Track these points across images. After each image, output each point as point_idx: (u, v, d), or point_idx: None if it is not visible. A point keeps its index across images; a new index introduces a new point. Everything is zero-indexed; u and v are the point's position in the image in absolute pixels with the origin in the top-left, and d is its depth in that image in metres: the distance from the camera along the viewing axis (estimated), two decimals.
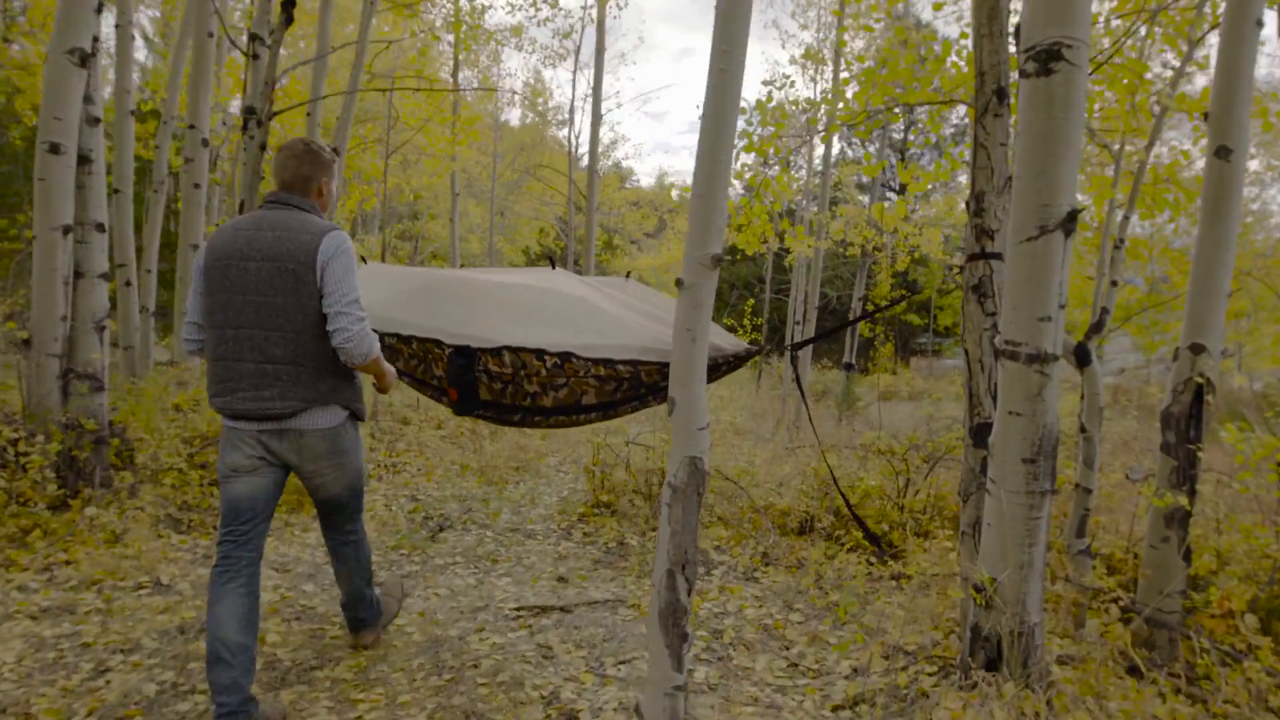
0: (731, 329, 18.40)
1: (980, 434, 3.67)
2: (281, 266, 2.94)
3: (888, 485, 5.84)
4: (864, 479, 5.77)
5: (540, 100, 24.13)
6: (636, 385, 4.60)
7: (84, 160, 5.71)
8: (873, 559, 5.29)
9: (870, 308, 17.29)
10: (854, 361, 14.63)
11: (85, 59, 5.43)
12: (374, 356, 3.03)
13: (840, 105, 5.14)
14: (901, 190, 21.12)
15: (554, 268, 4.91)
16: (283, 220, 3.02)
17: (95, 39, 5.71)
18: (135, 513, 5.34)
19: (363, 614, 3.79)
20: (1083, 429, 4.40)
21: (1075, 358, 4.42)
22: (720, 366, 4.43)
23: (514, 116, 32.75)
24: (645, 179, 49.92)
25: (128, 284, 9.52)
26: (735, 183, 5.97)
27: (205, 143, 8.90)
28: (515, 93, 22.90)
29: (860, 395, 14.48)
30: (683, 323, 2.87)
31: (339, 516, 3.47)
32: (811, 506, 5.83)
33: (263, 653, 3.76)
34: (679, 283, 2.87)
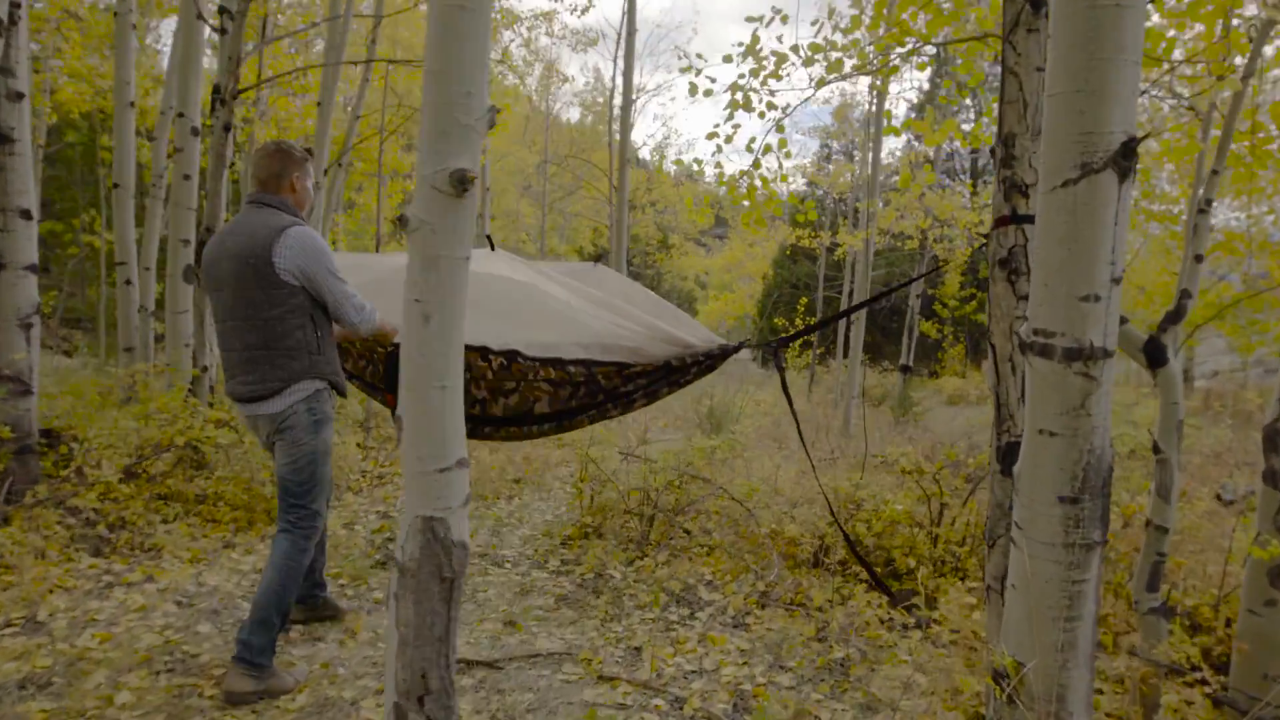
0: (783, 329, 17.37)
1: (1009, 457, 2.74)
2: (244, 262, 3.23)
3: (920, 510, 4.88)
4: (890, 502, 4.82)
5: (566, 85, 23.43)
6: (594, 390, 3.78)
7: (3, 139, 5.12)
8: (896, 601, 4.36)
9: (904, 297, 16.12)
10: (911, 364, 13.50)
11: None
12: (377, 326, 3.47)
13: (843, 41, 4.20)
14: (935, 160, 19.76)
15: (493, 248, 4.12)
16: (251, 220, 3.33)
17: (15, 5, 5.13)
18: (44, 532, 4.73)
19: (250, 638, 3.25)
20: (1156, 448, 3.41)
21: (1146, 356, 3.43)
22: (689, 367, 3.58)
23: (572, 114, 32.26)
24: (723, 190, 49.00)
25: (128, 283, 9.05)
26: (725, 147, 5.11)
27: (196, 131, 8.34)
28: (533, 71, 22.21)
29: (918, 400, 13.34)
30: (413, 289, 1.89)
31: (282, 499, 3.43)
32: (828, 533, 4.91)
33: (103, 716, 3.04)
34: (401, 220, 1.90)
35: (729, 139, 4.95)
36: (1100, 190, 2.06)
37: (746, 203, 4.93)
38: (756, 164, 4.58)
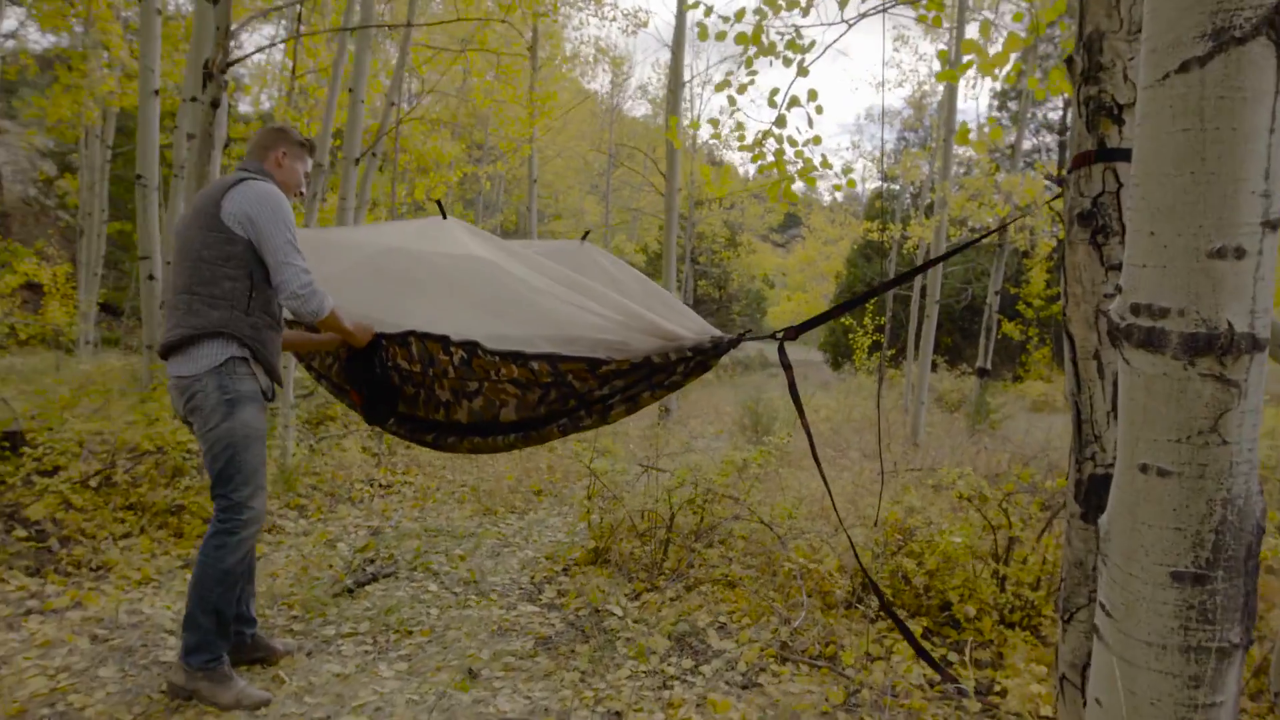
0: (849, 331, 16.39)
1: (1094, 496, 1.92)
2: (196, 210, 3.06)
3: (985, 543, 4.01)
4: (946, 533, 3.95)
5: (622, 68, 22.74)
6: (565, 394, 3.04)
7: None
8: (948, 658, 3.52)
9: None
10: (989, 366, 12.40)
11: None
12: (327, 311, 2.99)
13: None
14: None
15: (444, 216, 3.43)
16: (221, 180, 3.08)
17: None
18: None
19: (186, 641, 3.04)
20: None
21: None
22: (675, 365, 2.82)
23: (638, 110, 31.65)
24: (795, 186, 47.79)
25: (151, 278, 8.68)
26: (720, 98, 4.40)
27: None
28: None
29: (997, 406, 12.23)
30: None
31: (212, 489, 3.07)
32: (873, 566, 4.08)
33: None
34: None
35: (743, 89, 4.16)
36: (1245, 72, 1.26)
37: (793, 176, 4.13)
38: (781, 120, 3.79)
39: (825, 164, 4.53)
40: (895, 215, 20.10)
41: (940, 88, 14.67)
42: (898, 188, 24.12)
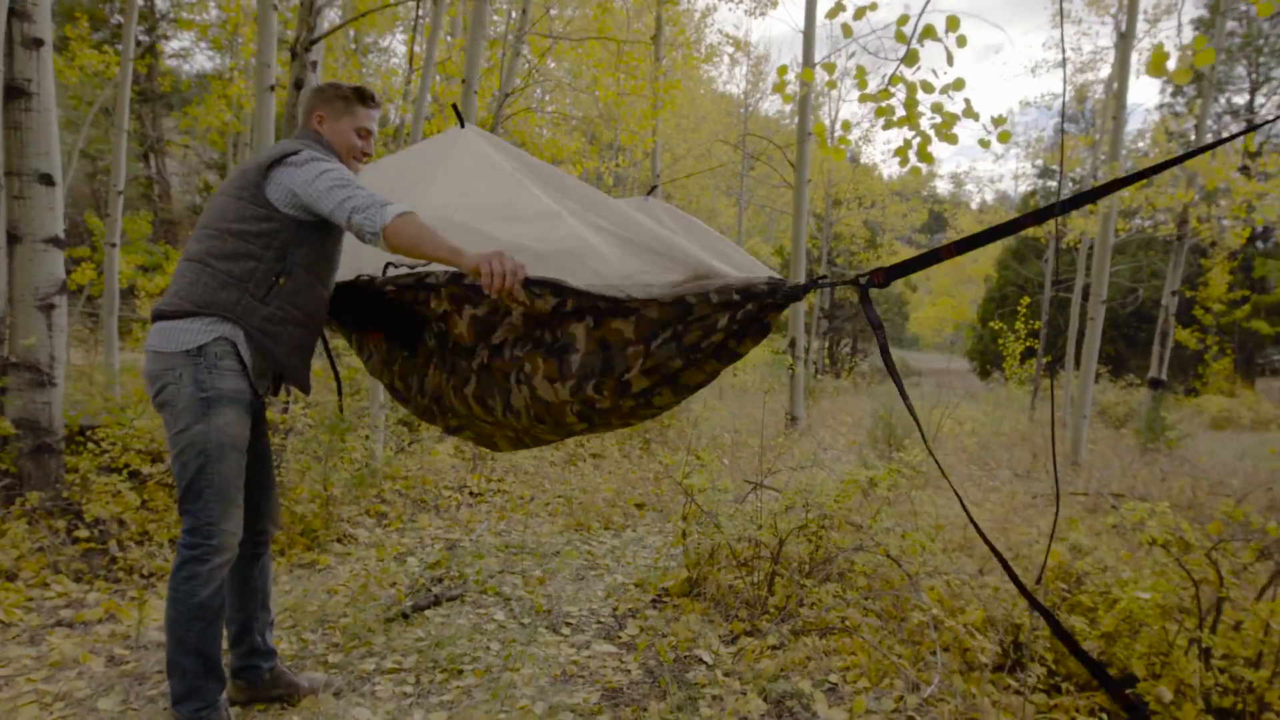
0: (998, 336, 14.97)
1: None
2: (238, 176, 2.59)
3: (1179, 600, 3.10)
4: (1129, 585, 3.06)
5: (747, 52, 21.84)
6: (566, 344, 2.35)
7: (17, 93, 4.43)
8: None
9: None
10: (1164, 378, 10.96)
11: None
12: (391, 221, 2.27)
13: None
14: None
15: (463, 125, 2.87)
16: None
17: None
18: (35, 544, 3.94)
19: (173, 688, 2.58)
20: None
21: None
22: (717, 313, 2.05)
23: (769, 105, 30.77)
24: (940, 185, 45.54)
25: None
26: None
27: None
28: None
29: (1173, 423, 10.77)
30: None
31: (179, 503, 2.56)
32: (1027, 621, 3.23)
33: None
34: None
35: (860, 13, 3.36)
36: None
37: (907, 134, 3.34)
38: (911, 57, 3.01)
39: (970, 113, 3.67)
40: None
41: (1105, 65, 13.22)
42: (1054, 184, 22.30)
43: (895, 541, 4.02)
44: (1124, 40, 9.14)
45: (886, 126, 3.68)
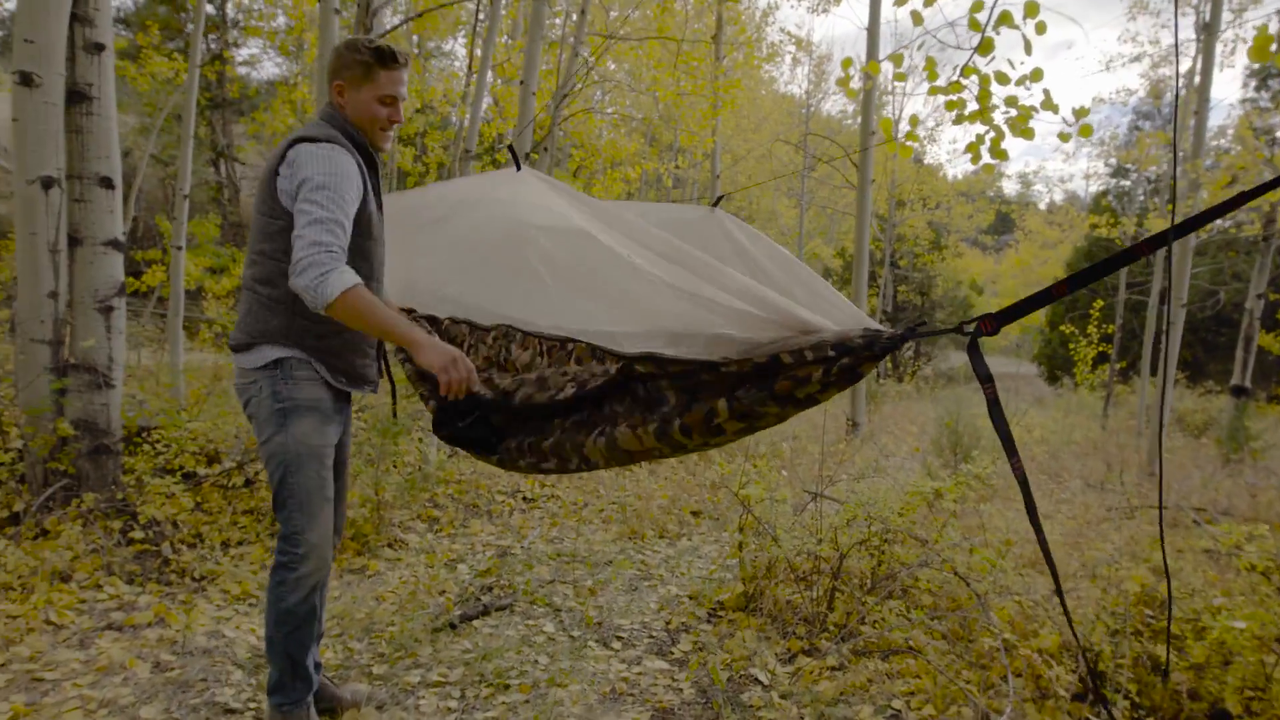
0: (1067, 340, 14.45)
1: None
2: (260, 181, 2.49)
3: (1276, 630, 2.86)
4: (1222, 614, 2.83)
5: (809, 51, 21.46)
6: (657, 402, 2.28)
7: (79, 97, 4.47)
8: None
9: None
10: (1248, 385, 10.44)
11: None
12: (334, 299, 2.15)
13: None
14: None
15: (519, 167, 2.72)
16: None
17: None
18: (89, 545, 3.96)
19: (270, 674, 2.63)
20: None
21: None
22: (810, 367, 1.95)
23: (831, 105, 30.35)
24: (1008, 185, 44.40)
25: None
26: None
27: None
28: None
29: (1258, 433, 10.25)
30: None
31: (273, 510, 2.56)
32: (1108, 648, 3.02)
33: None
34: None
35: (931, 0, 3.16)
36: None
37: (980, 129, 3.15)
38: (986, 46, 2.82)
39: (1049, 104, 3.44)
40: (1128, 209, 17.82)
41: (1185, 59, 12.67)
42: (1129, 183, 21.59)
43: (962, 557, 3.82)
44: (1207, 32, 8.73)
45: (958, 121, 3.47)
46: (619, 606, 4.16)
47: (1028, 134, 3.56)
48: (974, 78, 3.29)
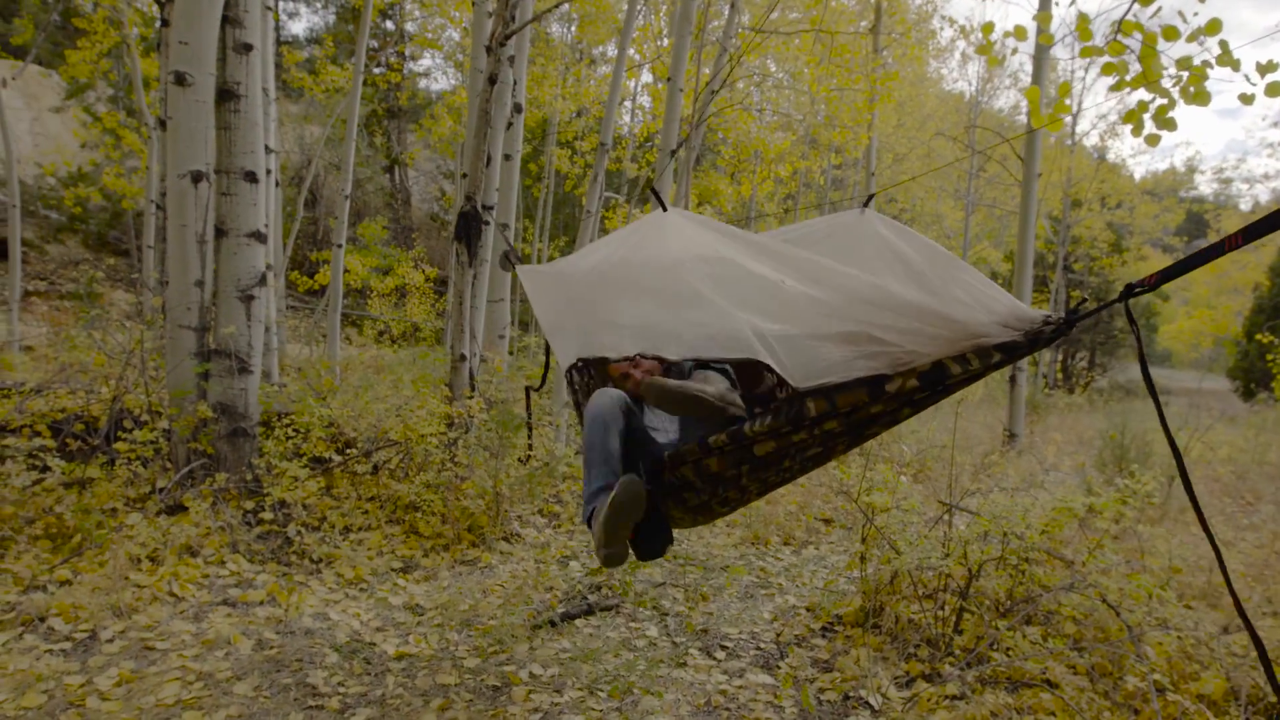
0: (1266, 351, 12.90)
1: None
2: None
3: None
4: None
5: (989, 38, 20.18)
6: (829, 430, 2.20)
7: (227, 95, 4.67)
8: None
9: None
10: None
11: None
12: None
13: None
14: None
15: (665, 209, 2.56)
16: None
17: None
18: (217, 523, 4.11)
19: None
20: None
21: None
22: (973, 370, 1.79)
23: (1004, 101, 28.79)
24: (1202, 184, 40.86)
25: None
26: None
27: (519, 109, 7.81)
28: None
29: None
30: None
31: None
32: None
33: None
34: None
35: None
36: None
37: (1144, 96, 2.74)
38: None
39: (1227, 59, 2.92)
40: None
41: None
42: None
43: (1116, 583, 3.38)
44: None
45: (1116, 87, 3.02)
46: (730, 614, 3.94)
47: (1201, 98, 3.03)
48: (1136, 35, 2.86)
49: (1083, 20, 3.04)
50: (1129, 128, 3.37)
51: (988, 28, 3.70)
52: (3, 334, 10.17)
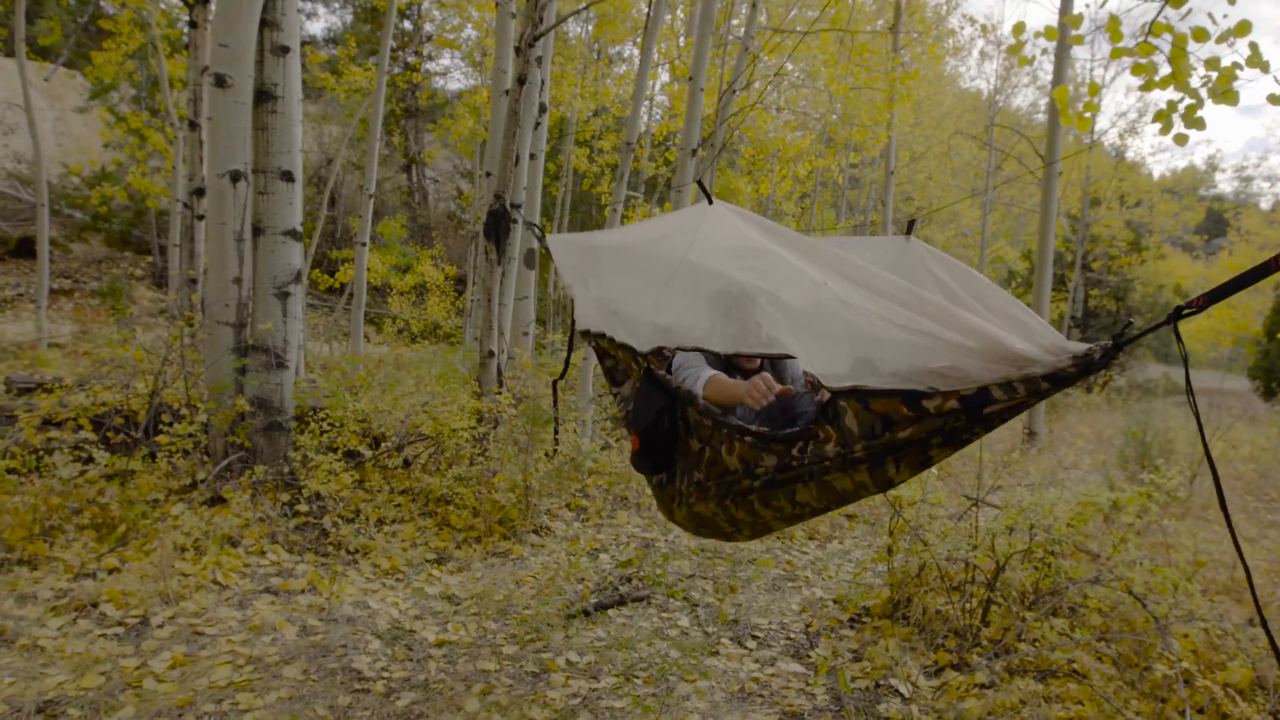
0: None
1: None
2: None
3: None
4: None
5: (998, 41, 20.15)
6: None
7: (265, 96, 4.77)
8: None
9: None
10: None
11: None
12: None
13: None
14: None
15: (710, 201, 2.62)
16: None
17: None
18: (256, 514, 4.22)
19: None
20: None
21: None
22: (1019, 398, 1.86)
23: (1022, 99, 28.73)
24: (1223, 182, 40.54)
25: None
26: None
27: (544, 108, 7.90)
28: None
29: None
30: None
31: None
32: None
33: None
34: None
35: None
36: None
37: (1174, 96, 2.79)
38: None
39: (1256, 60, 2.97)
40: None
41: None
42: None
43: (1141, 576, 3.44)
44: None
45: (1146, 88, 3.07)
46: (759, 606, 4.01)
47: (1230, 98, 3.08)
48: (1166, 36, 2.92)
49: (1113, 22, 3.10)
50: (1148, 126, 3.42)
51: (1019, 28, 3.75)
52: (32, 331, 10.36)
